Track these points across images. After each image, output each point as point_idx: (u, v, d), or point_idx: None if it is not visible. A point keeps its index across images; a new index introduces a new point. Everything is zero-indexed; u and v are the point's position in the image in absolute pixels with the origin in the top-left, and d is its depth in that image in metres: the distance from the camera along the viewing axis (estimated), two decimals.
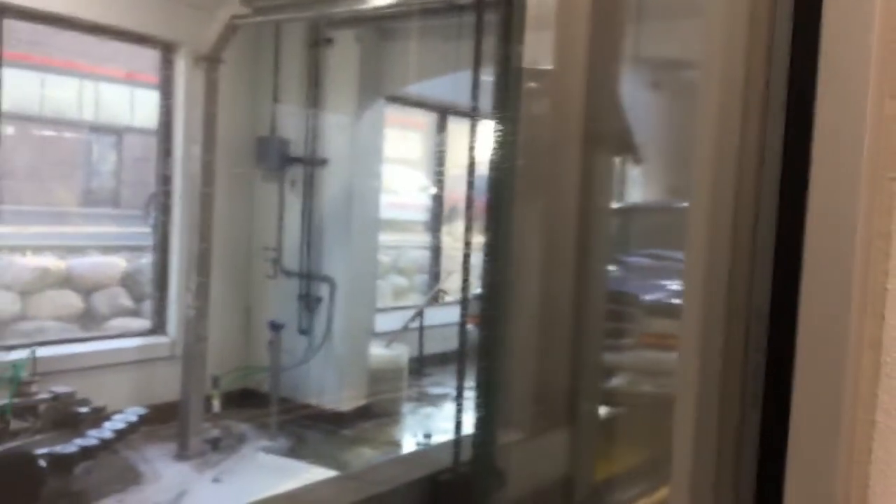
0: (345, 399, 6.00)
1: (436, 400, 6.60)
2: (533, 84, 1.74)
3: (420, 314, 7.03)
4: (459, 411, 2.33)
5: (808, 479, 0.90)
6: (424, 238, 8.54)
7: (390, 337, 6.68)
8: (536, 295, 1.88)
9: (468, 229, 2.77)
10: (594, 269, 1.84)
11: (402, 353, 6.60)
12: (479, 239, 1.91)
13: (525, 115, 1.77)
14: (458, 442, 1.94)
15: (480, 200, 1.96)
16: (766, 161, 0.94)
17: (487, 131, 1.79)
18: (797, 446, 0.90)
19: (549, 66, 1.69)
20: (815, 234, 0.89)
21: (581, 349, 1.78)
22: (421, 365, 7.01)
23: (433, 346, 6.94)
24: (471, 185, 2.48)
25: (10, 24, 5.29)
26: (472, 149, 2.18)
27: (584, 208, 1.63)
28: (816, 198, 0.89)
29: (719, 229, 0.94)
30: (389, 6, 5.18)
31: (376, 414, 6.15)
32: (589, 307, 1.82)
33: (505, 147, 1.74)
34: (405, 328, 6.91)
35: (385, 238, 7.16)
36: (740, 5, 0.96)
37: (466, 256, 2.52)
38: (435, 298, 7.78)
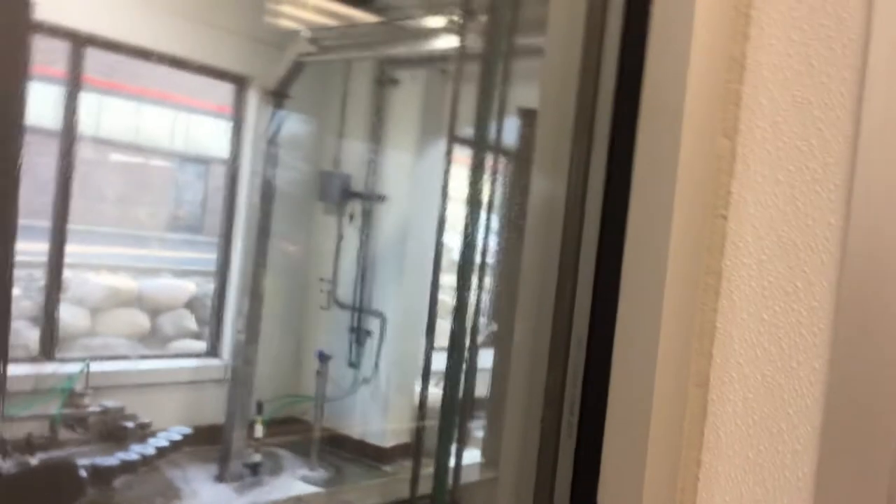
0: (388, 435, 6.01)
1: (480, 443, 6.52)
2: None
3: (472, 355, 6.98)
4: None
5: None
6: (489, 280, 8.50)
7: (441, 377, 6.66)
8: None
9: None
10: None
11: (458, 390, 6.55)
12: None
13: None
14: None
15: None
16: (588, 198, 0.92)
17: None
18: (608, 483, 0.87)
19: None
20: (629, 275, 0.87)
21: None
22: (470, 407, 6.94)
23: (485, 389, 6.87)
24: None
25: (112, 58, 5.62)
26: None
27: None
28: (631, 244, 0.87)
29: (546, 276, 0.93)
30: (450, 49, 5.28)
31: (419, 452, 6.12)
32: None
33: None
34: (464, 367, 6.87)
35: (448, 279, 7.16)
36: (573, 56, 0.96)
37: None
38: (490, 340, 7.72)
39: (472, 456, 5.02)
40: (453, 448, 4.47)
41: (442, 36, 5.35)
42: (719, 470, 0.86)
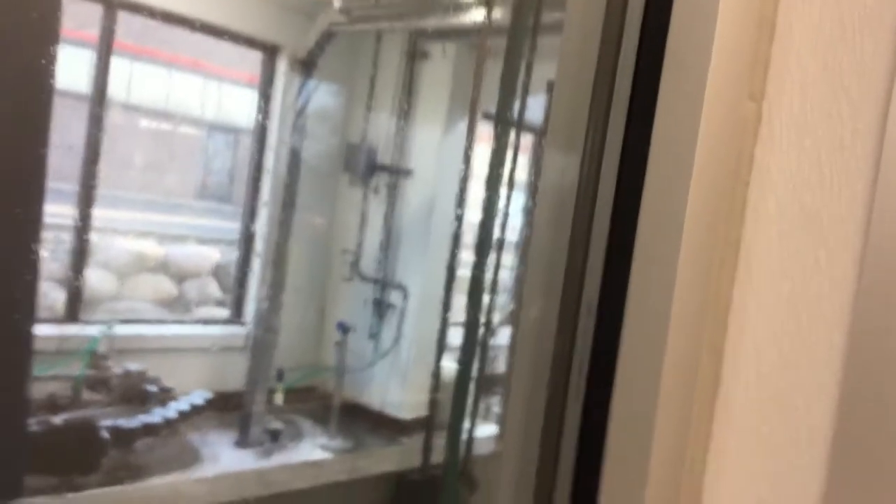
0: (407, 407, 6.02)
1: (498, 418, 6.53)
2: None
3: (493, 331, 6.97)
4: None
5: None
6: (513, 258, 8.48)
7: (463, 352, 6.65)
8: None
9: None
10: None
11: (472, 365, 6.55)
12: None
13: None
14: None
15: None
16: (604, 163, 0.89)
17: None
18: (614, 450, 0.85)
19: None
20: (643, 241, 0.84)
21: None
22: (491, 382, 6.95)
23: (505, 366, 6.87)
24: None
25: (143, 22, 5.63)
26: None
27: None
28: (647, 208, 0.84)
29: (556, 242, 0.90)
30: (481, 23, 5.22)
31: (436, 426, 6.13)
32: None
33: None
34: (476, 344, 6.86)
35: (469, 255, 7.15)
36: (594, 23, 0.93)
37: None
38: (511, 318, 7.71)
39: (488, 430, 5.02)
40: (466, 421, 4.46)
41: (473, 9, 5.29)
42: (730, 443, 0.83)
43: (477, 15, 5.32)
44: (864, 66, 0.82)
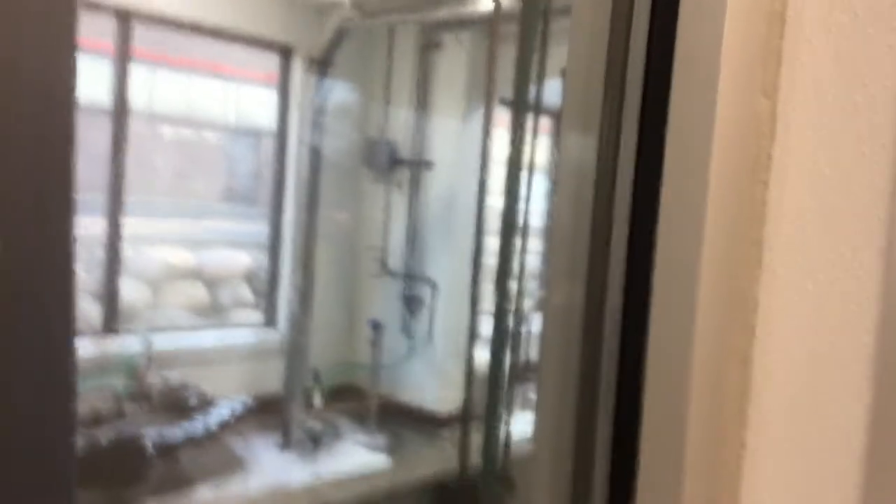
0: (443, 400, 6.03)
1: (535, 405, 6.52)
2: None
3: (524, 318, 6.96)
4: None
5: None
6: (538, 243, 8.44)
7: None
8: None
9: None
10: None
11: (504, 357, 6.55)
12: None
13: None
14: None
15: None
16: (620, 165, 0.88)
17: None
18: (647, 464, 0.84)
19: None
20: (663, 245, 0.82)
21: None
22: (525, 370, 6.94)
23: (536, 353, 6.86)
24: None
25: (160, 32, 5.68)
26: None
27: None
28: (666, 211, 0.82)
29: (576, 245, 0.89)
30: (493, 12, 5.18)
31: (474, 417, 6.14)
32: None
33: None
34: (510, 332, 6.85)
35: (495, 241, 7.12)
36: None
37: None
38: (540, 304, 7.69)
39: (526, 419, 5.00)
40: (503, 414, 4.46)
41: None
42: (764, 451, 0.82)
43: (487, 3, 5.29)
44: (878, 56, 0.80)
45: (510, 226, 3.76)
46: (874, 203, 0.79)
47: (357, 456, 5.54)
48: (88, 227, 5.63)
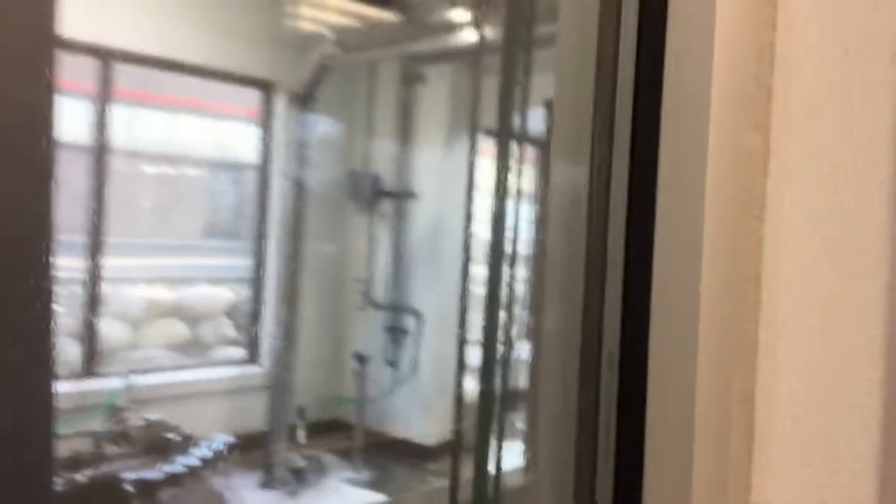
0: (430, 432, 5.97)
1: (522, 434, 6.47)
2: None
3: (511, 347, 6.93)
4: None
5: None
6: (525, 271, 8.43)
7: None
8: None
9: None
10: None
11: (494, 386, 6.51)
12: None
13: None
14: None
15: None
16: (612, 198, 0.86)
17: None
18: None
19: None
20: (660, 286, 0.81)
21: None
22: (514, 399, 6.89)
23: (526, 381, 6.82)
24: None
25: (140, 70, 5.66)
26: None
27: None
28: (661, 250, 0.81)
29: (572, 285, 0.87)
30: (476, 44, 5.21)
31: (462, 448, 6.08)
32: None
33: None
34: (496, 362, 6.82)
35: (480, 270, 7.11)
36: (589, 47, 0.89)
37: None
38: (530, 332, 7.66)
39: (515, 450, 4.94)
40: (492, 444, 4.40)
41: (466, 30, 5.28)
42: (771, 493, 0.79)
43: (469, 35, 5.31)
44: (871, 86, 0.79)
45: (498, 254, 3.74)
46: (875, 236, 0.78)
47: (342, 493, 5.46)
48: (68, 266, 5.56)
